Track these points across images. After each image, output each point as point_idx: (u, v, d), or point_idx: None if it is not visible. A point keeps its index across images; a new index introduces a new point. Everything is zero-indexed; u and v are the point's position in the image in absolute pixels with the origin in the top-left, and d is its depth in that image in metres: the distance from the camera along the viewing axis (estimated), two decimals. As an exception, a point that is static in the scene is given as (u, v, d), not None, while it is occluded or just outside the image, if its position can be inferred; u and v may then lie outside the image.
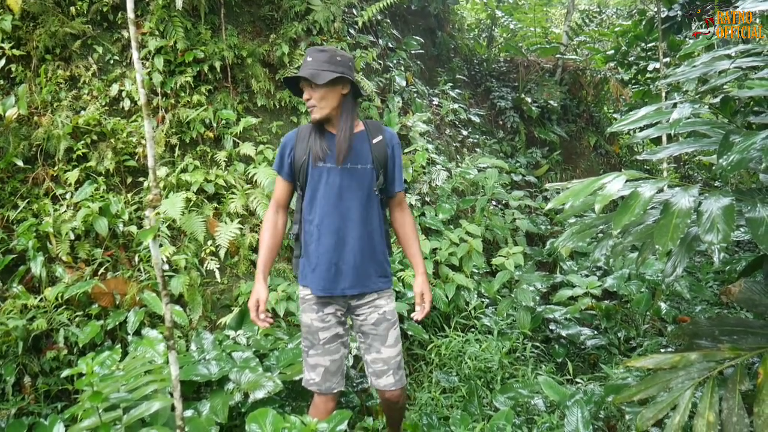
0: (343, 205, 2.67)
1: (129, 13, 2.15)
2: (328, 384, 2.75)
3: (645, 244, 2.61)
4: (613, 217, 2.49)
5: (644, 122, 2.74)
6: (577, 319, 4.85)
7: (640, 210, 2.03)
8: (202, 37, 4.63)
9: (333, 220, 2.67)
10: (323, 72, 2.56)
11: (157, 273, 2.34)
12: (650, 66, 8.14)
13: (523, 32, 10.26)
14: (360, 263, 2.70)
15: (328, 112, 2.64)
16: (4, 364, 3.38)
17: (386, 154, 2.75)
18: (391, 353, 2.77)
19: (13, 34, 4.06)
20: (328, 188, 2.66)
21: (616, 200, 2.20)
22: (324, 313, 2.75)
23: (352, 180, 2.68)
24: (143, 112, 2.23)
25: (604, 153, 9.32)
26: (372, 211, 2.74)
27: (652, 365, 2.35)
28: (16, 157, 3.86)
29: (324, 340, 2.74)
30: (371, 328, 2.78)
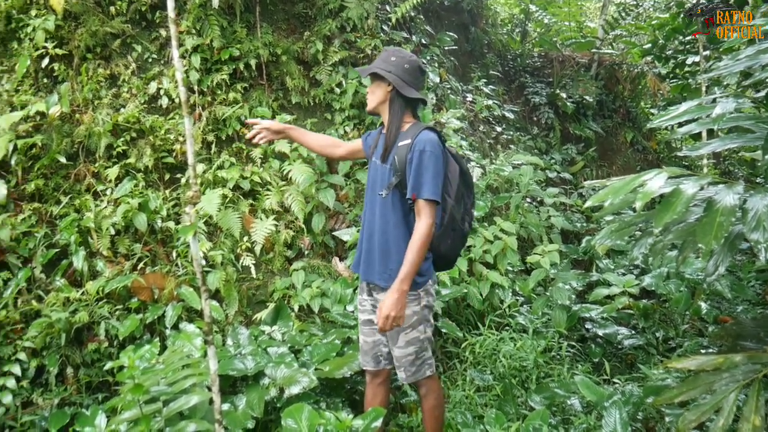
0: (372, 198, 2.92)
1: (170, 12, 2.18)
2: (361, 359, 3.09)
3: (686, 243, 2.55)
4: (653, 215, 2.45)
5: (685, 117, 2.68)
6: (613, 319, 4.78)
7: (683, 208, 1.98)
8: (238, 35, 4.68)
9: (366, 210, 2.96)
10: (373, 68, 2.81)
11: (196, 269, 2.37)
12: (689, 59, 7.96)
13: (557, 27, 10.12)
14: (376, 257, 2.86)
15: (375, 106, 2.89)
16: (48, 355, 3.47)
17: (405, 159, 2.73)
18: (400, 353, 2.87)
19: (56, 34, 4.16)
20: (368, 180, 2.98)
21: (655, 198, 2.15)
22: (362, 297, 3.04)
23: (379, 177, 2.87)
24: (183, 111, 2.26)
25: (641, 149, 9.15)
26: (388, 212, 2.81)
27: (694, 367, 2.31)
28: (59, 153, 3.95)
29: (360, 320, 3.05)
30: None
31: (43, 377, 3.48)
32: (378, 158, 2.88)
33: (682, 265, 3.85)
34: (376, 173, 2.88)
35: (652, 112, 9.80)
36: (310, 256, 4.49)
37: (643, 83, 9.34)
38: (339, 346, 3.62)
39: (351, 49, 5.22)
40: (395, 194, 2.78)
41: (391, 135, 2.81)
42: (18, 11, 4.15)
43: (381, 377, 3.05)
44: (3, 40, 4.15)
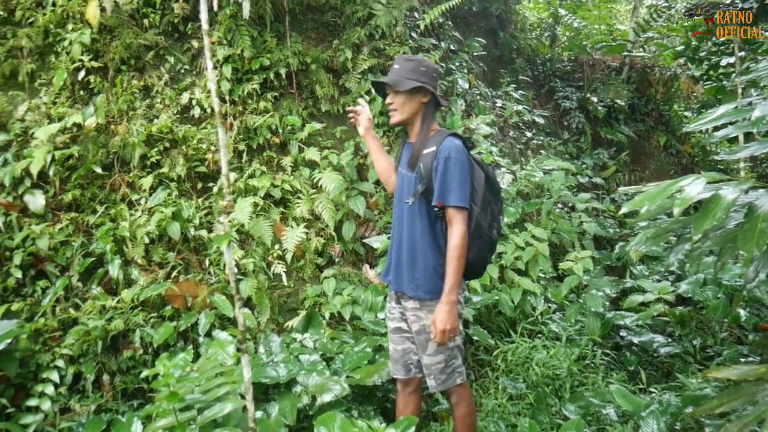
0: (400, 207, 2.92)
1: (203, 24, 2.21)
2: (391, 368, 3.07)
3: (724, 249, 2.49)
4: (690, 221, 2.40)
5: (723, 121, 2.62)
6: (649, 326, 4.69)
7: (723, 214, 1.94)
8: (268, 45, 4.72)
9: (394, 220, 2.98)
10: (406, 80, 2.75)
11: (230, 278, 2.39)
12: (723, 61, 7.81)
13: (587, 30, 10.01)
14: (404, 266, 2.86)
15: (406, 118, 2.83)
16: (84, 362, 3.54)
17: (431, 166, 2.72)
18: (430, 361, 2.86)
19: (91, 47, 4.25)
20: (396, 190, 2.98)
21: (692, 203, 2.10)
22: (391, 305, 3.04)
23: (404, 186, 2.89)
24: (216, 121, 2.29)
25: (675, 153, 8.99)
26: (415, 221, 2.81)
27: (735, 376, 2.26)
28: (95, 164, 4.03)
29: (390, 328, 3.06)
30: (414, 334, 2.91)
31: (81, 384, 3.54)
32: (404, 168, 2.89)
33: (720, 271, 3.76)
34: (403, 182, 2.90)
35: (685, 115, 9.63)
36: (340, 264, 4.50)
37: (677, 86, 9.19)
38: (371, 354, 3.61)
39: (380, 57, 5.24)
40: (421, 202, 2.77)
41: (420, 143, 2.80)
42: (55, 25, 4.25)
43: (412, 386, 3.03)
44: (41, 54, 4.26)
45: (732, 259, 4.14)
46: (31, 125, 4.03)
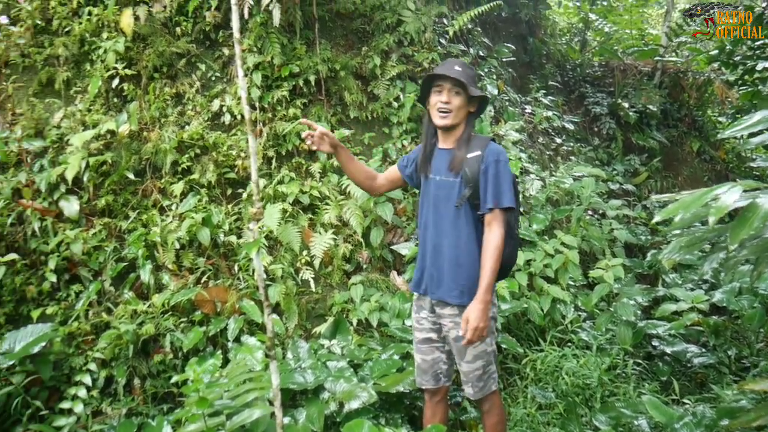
0: (437, 215, 2.83)
1: (235, 33, 2.23)
2: (419, 379, 3.01)
3: (761, 258, 2.43)
4: (725, 229, 2.34)
5: (759, 127, 2.56)
6: (682, 336, 4.59)
7: (760, 223, 1.89)
8: (298, 52, 4.76)
9: (429, 228, 2.87)
10: (472, 87, 2.72)
11: (259, 285, 2.40)
12: (759, 65, 7.63)
13: (618, 35, 9.89)
14: (445, 273, 2.81)
15: (456, 123, 2.78)
16: (116, 365, 3.59)
17: (478, 170, 2.72)
18: (468, 368, 2.85)
19: (125, 55, 4.32)
20: (429, 198, 2.88)
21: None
22: (419, 315, 2.98)
23: (445, 192, 2.81)
24: (247, 128, 2.31)
25: (708, 159, 8.82)
26: (460, 225, 2.78)
27: (773, 390, 2.19)
28: (127, 170, 4.10)
29: (418, 339, 2.99)
30: (452, 341, 2.86)
31: (112, 387, 3.59)
32: (441, 173, 2.82)
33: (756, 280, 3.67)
34: (441, 188, 2.82)
35: (719, 121, 9.44)
36: (368, 270, 4.50)
37: (710, 91, 9.02)
38: (398, 361, 3.61)
39: (408, 63, 5.24)
40: (466, 207, 2.77)
41: (463, 149, 2.77)
42: (91, 34, 4.34)
43: (440, 395, 3.02)
44: (77, 62, 4.35)
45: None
46: (67, 132, 4.11)
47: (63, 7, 4.35)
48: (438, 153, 2.88)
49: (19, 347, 3.33)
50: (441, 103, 2.72)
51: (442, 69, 2.72)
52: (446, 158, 2.82)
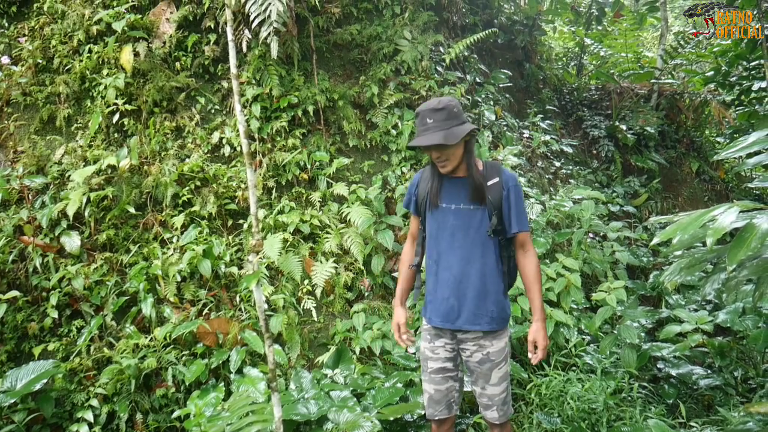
0: (457, 244, 2.78)
1: (232, 69, 2.27)
2: (431, 410, 2.89)
3: (762, 278, 2.43)
4: (725, 250, 2.34)
5: (755, 148, 2.57)
6: (687, 357, 4.55)
7: (758, 243, 1.89)
8: (296, 83, 4.82)
9: (449, 258, 2.80)
10: (453, 129, 2.65)
11: (260, 316, 2.40)
12: (755, 86, 7.69)
13: (614, 59, 9.99)
14: (471, 302, 2.77)
15: (457, 164, 2.75)
16: (118, 401, 3.57)
17: (501, 196, 2.77)
18: (494, 391, 2.82)
19: (125, 91, 4.39)
20: (446, 226, 2.80)
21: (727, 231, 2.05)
22: (435, 344, 2.88)
23: (466, 220, 2.78)
24: (245, 161, 2.33)
25: (708, 179, 8.82)
26: (487, 252, 2.78)
27: (779, 411, 2.17)
28: (128, 204, 4.13)
29: (431, 369, 2.87)
30: (476, 365, 2.82)
31: (114, 423, 3.57)
32: (458, 203, 2.78)
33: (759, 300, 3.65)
34: (462, 217, 2.77)
35: (718, 141, 9.48)
36: (370, 298, 4.49)
37: (707, 112, 9.07)
38: (402, 390, 3.58)
39: (406, 91, 5.29)
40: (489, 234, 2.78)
41: (479, 177, 2.77)
42: (91, 71, 4.41)
43: (448, 424, 2.98)
44: (78, 99, 4.41)
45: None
46: (68, 168, 4.16)
47: (64, 46, 4.43)
48: (449, 181, 2.82)
49: (20, 385, 3.31)
50: (435, 159, 2.73)
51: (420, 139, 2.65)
52: (462, 187, 2.78)
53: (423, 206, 2.91)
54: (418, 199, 2.93)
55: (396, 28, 5.40)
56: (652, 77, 8.88)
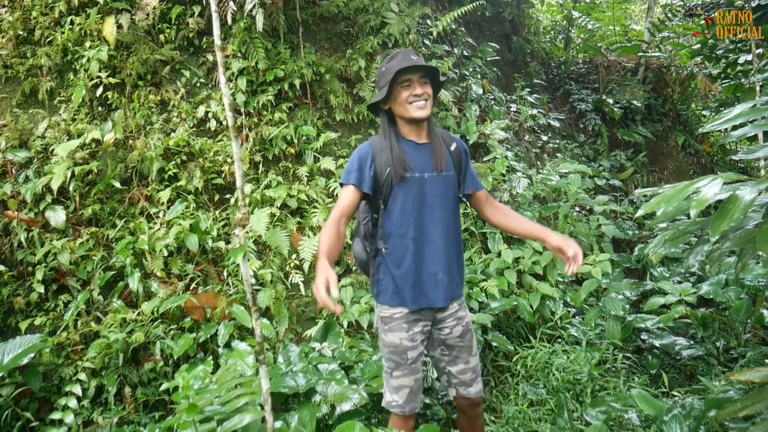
0: (437, 215, 2.62)
1: (216, 40, 2.24)
2: (411, 405, 2.67)
3: (745, 250, 2.46)
4: (709, 222, 2.37)
5: (740, 120, 2.58)
6: (670, 328, 4.63)
7: (740, 215, 1.91)
8: (282, 56, 4.77)
9: (431, 231, 2.61)
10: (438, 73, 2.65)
11: (247, 290, 2.41)
12: (741, 59, 7.70)
13: (601, 32, 9.96)
14: (455, 272, 2.72)
15: (431, 113, 2.63)
16: (106, 374, 3.58)
17: (461, 160, 2.76)
18: (476, 361, 2.79)
19: (109, 63, 4.32)
20: (421, 198, 2.60)
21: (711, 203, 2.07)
22: (414, 331, 2.64)
23: (444, 187, 2.66)
24: (231, 135, 2.31)
25: (693, 152, 8.89)
26: (457, 218, 2.76)
27: (758, 379, 2.22)
28: (113, 179, 4.09)
29: (411, 359, 2.64)
30: (457, 340, 2.73)
31: (103, 396, 3.58)
32: (428, 171, 2.62)
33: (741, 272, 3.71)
34: (437, 185, 2.63)
35: (703, 114, 9.52)
36: (357, 272, 4.51)
37: (694, 85, 9.10)
38: (389, 362, 3.61)
39: (393, 65, 5.25)
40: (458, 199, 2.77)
41: (442, 142, 2.70)
42: (73, 43, 4.33)
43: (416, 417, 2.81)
44: (60, 72, 4.34)
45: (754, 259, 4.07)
46: (52, 142, 4.10)
47: (45, 17, 4.34)
48: (414, 148, 2.64)
49: (7, 359, 3.31)
50: (414, 96, 2.53)
51: (407, 61, 2.51)
52: (428, 153, 2.65)
53: (385, 180, 2.58)
54: (377, 174, 2.58)
55: (383, 0, 5.34)
56: (639, 50, 8.87)
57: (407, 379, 2.65)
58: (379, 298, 2.68)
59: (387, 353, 2.67)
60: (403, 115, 2.60)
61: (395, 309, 2.63)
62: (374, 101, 2.65)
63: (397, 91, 2.56)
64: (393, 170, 2.55)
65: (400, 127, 2.67)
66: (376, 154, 2.60)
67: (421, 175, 2.61)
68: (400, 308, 2.62)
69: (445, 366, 2.79)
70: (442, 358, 2.79)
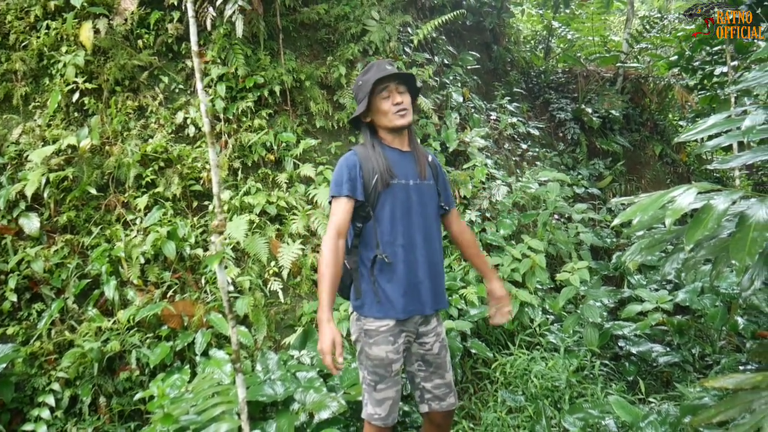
0: (421, 222, 2.62)
1: (193, 45, 2.22)
2: (393, 416, 2.61)
3: (719, 258, 2.49)
4: (684, 230, 2.39)
5: (714, 131, 2.62)
6: (647, 335, 4.66)
7: (714, 224, 1.94)
8: (262, 63, 4.75)
9: (417, 238, 2.59)
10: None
11: (223, 297, 2.39)
12: (717, 70, 7.83)
13: (581, 42, 10.08)
14: (440, 279, 2.72)
15: (411, 121, 2.64)
16: (81, 384, 3.52)
17: (437, 173, 2.80)
18: (450, 376, 2.75)
19: (85, 69, 4.27)
20: (408, 205, 2.59)
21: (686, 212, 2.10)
22: (399, 343, 2.58)
23: (427, 196, 2.67)
24: (207, 141, 2.30)
25: (670, 162, 9.00)
26: (438, 228, 2.75)
27: (731, 385, 2.23)
28: (89, 185, 4.04)
29: (395, 371, 2.58)
30: (435, 357, 2.70)
31: (77, 407, 3.52)
32: (413, 178, 2.63)
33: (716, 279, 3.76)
34: (422, 193, 2.63)
35: (680, 125, 9.66)
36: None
37: (671, 95, 9.22)
38: (368, 370, 3.59)
39: (373, 73, 5.26)
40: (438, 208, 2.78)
41: (421, 151, 2.73)
42: (49, 48, 4.28)
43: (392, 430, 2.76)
44: (35, 77, 4.29)
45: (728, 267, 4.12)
46: (26, 148, 4.05)
47: (20, 22, 4.29)
48: (399, 155, 2.65)
49: (-21, 369, 3.24)
50: (395, 106, 2.54)
51: (383, 71, 2.52)
52: (410, 161, 2.67)
53: (372, 188, 2.55)
54: (365, 181, 2.54)
55: (364, 8, 5.36)
56: (617, 61, 8.99)
57: (391, 391, 2.59)
58: (363, 310, 2.60)
59: (371, 367, 2.57)
60: (385, 125, 2.60)
61: (381, 321, 2.55)
62: (355, 115, 2.64)
63: (377, 101, 2.57)
64: (380, 177, 2.53)
65: (383, 136, 2.67)
66: (362, 162, 2.57)
67: (407, 182, 2.61)
68: (386, 320, 2.55)
69: (420, 382, 2.73)
70: (418, 373, 2.73)
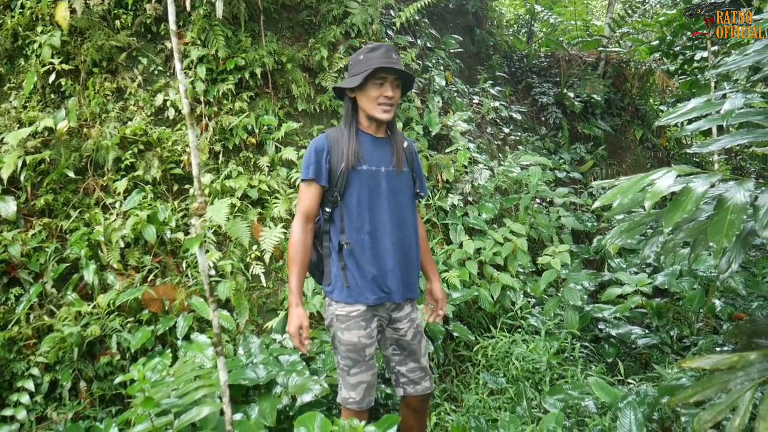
0: (393, 209, 2.62)
1: (171, 25, 2.19)
2: (368, 399, 2.65)
3: (697, 241, 2.52)
4: (663, 213, 2.41)
5: (694, 114, 2.64)
6: (627, 318, 4.73)
7: (693, 207, 1.95)
8: (243, 45, 4.69)
9: (387, 226, 2.59)
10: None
11: (204, 280, 2.37)
12: (697, 55, 7.89)
13: (563, 26, 10.09)
14: (413, 267, 2.72)
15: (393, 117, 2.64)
16: (60, 369, 3.49)
17: (413, 159, 2.78)
18: (425, 360, 2.78)
19: (62, 49, 4.19)
20: (377, 191, 2.59)
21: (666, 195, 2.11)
22: (371, 328, 2.61)
23: (401, 183, 2.67)
24: (187, 122, 2.27)
25: (651, 146, 9.08)
26: (413, 216, 2.75)
27: (708, 366, 2.27)
28: (67, 168, 3.98)
29: (369, 356, 2.61)
30: (409, 343, 2.72)
31: (57, 392, 3.49)
32: (385, 165, 2.62)
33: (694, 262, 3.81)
34: (395, 180, 2.63)
35: (661, 109, 9.72)
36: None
37: (652, 80, 9.28)
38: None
39: (355, 55, 5.22)
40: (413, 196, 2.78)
41: (398, 138, 2.71)
42: (24, 28, 4.19)
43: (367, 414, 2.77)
44: (10, 57, 4.20)
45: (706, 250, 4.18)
46: (1, 130, 3.97)
47: (-7, 0, 4.19)
48: (373, 142, 2.64)
49: (-45, 354, 3.20)
50: (384, 98, 2.53)
51: (388, 61, 2.48)
52: (386, 148, 2.67)
53: (340, 173, 2.54)
54: (332, 166, 2.56)
55: (346, -11, 5.30)
56: (599, 45, 9.01)
57: (365, 375, 2.61)
58: (334, 295, 2.61)
59: (344, 351, 2.60)
60: (368, 111, 2.58)
61: (352, 307, 2.58)
62: (343, 86, 2.62)
63: (370, 86, 2.54)
64: (346, 160, 2.53)
65: (361, 119, 2.65)
66: (332, 145, 2.58)
67: (378, 169, 2.60)
68: (357, 306, 2.57)
69: (395, 366, 2.76)
70: (393, 357, 2.76)
